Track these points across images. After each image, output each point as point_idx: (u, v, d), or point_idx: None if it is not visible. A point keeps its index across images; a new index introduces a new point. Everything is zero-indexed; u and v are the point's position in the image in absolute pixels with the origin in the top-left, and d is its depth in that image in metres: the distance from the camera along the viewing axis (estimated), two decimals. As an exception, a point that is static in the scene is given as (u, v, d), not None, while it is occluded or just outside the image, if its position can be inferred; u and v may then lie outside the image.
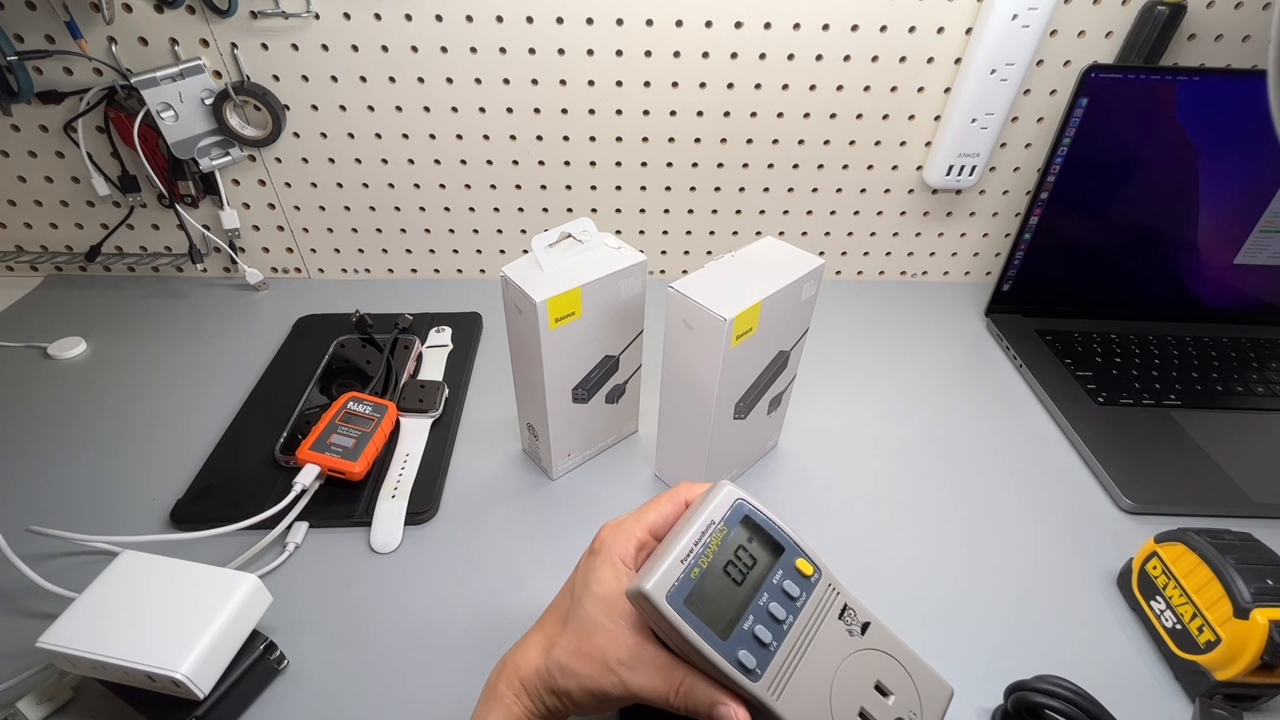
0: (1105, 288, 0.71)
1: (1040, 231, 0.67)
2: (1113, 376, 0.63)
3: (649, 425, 0.58)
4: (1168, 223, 0.67)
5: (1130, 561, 0.46)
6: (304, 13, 0.60)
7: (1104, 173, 0.64)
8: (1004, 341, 0.69)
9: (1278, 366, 0.66)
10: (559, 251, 0.46)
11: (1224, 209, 0.65)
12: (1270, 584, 0.37)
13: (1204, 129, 0.61)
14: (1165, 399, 0.61)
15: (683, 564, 0.28)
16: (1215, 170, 0.63)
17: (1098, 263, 0.69)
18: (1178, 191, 0.65)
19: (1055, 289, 0.71)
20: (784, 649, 0.28)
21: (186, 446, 0.55)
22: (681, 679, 0.28)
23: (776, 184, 0.72)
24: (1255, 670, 0.37)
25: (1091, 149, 0.62)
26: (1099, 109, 0.61)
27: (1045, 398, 0.62)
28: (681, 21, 0.61)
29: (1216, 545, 0.40)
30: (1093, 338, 0.69)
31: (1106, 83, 0.60)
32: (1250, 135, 0.62)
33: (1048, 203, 0.65)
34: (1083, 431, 0.58)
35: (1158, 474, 0.54)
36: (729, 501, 0.30)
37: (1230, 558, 0.39)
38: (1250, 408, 0.61)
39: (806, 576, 0.30)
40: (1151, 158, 0.63)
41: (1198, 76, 0.60)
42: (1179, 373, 0.64)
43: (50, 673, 0.39)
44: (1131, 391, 0.62)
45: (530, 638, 0.33)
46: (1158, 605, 0.43)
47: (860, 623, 0.30)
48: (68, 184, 0.69)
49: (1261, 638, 0.36)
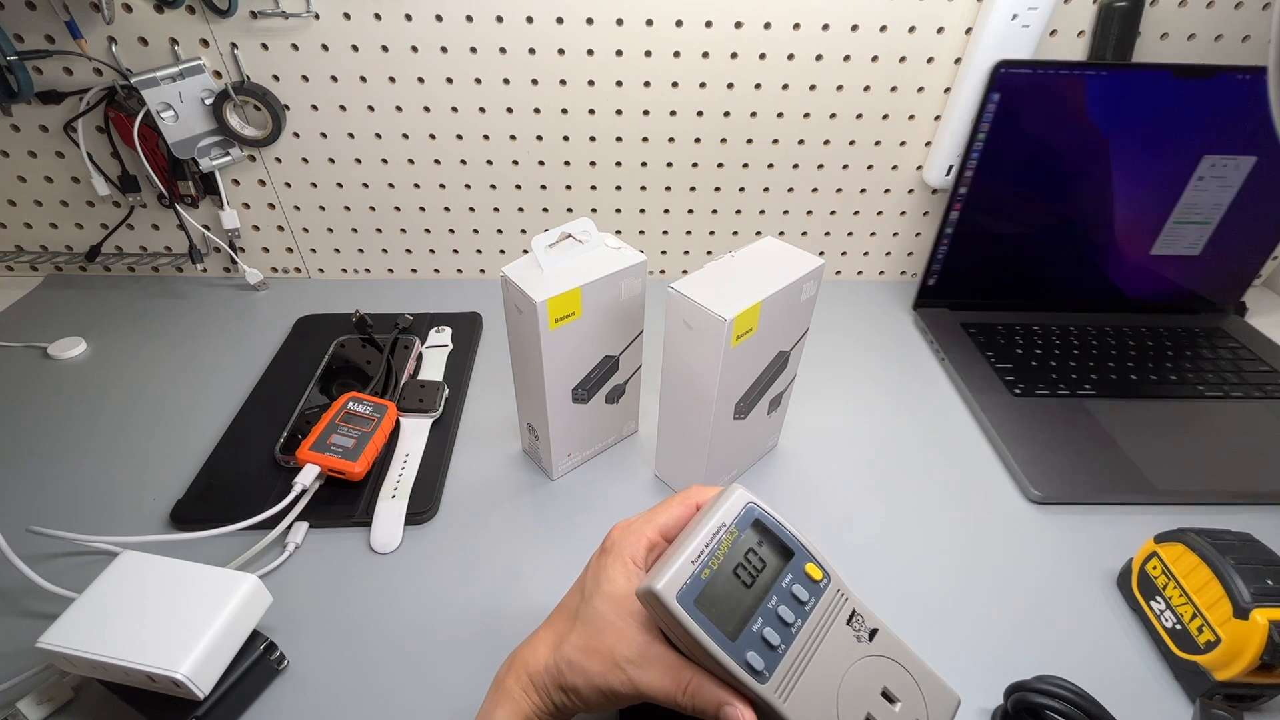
0: (1028, 280, 0.72)
1: (961, 226, 0.68)
2: (1032, 368, 0.64)
3: (649, 425, 0.58)
4: (1085, 215, 0.67)
5: (1130, 561, 0.46)
6: (304, 13, 0.60)
7: (1020, 167, 0.64)
8: (928, 335, 0.70)
9: (1192, 355, 0.67)
10: (559, 252, 0.46)
11: (1139, 201, 0.66)
12: (1270, 584, 0.37)
13: (1115, 122, 0.62)
14: (1080, 389, 0.62)
15: (693, 565, 0.28)
16: (1128, 163, 0.64)
17: (1019, 255, 0.70)
18: (1093, 184, 0.65)
19: (979, 282, 0.72)
20: (792, 652, 0.28)
21: (186, 446, 0.55)
22: (690, 679, 0.28)
23: (776, 184, 0.72)
24: (1255, 670, 0.37)
25: (1006, 144, 0.63)
26: (1011, 104, 0.61)
27: (964, 390, 0.62)
28: (681, 21, 0.61)
29: (1216, 545, 0.40)
30: (1016, 330, 0.70)
31: (1016, 78, 0.60)
32: (1159, 128, 0.62)
33: (966, 198, 0.66)
34: (997, 423, 0.58)
35: (1066, 465, 0.54)
36: (740, 505, 0.30)
37: (1230, 558, 0.39)
38: (1163, 395, 0.62)
39: (816, 581, 0.30)
40: (1065, 151, 0.63)
41: (1105, 71, 0.60)
42: (1096, 363, 0.65)
43: (50, 673, 0.39)
44: (1048, 382, 0.62)
45: (540, 634, 0.33)
46: (1157, 605, 0.43)
47: (868, 629, 0.30)
48: (68, 184, 0.69)
49: (1261, 638, 0.36)
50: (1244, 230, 0.68)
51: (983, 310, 0.72)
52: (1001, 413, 0.59)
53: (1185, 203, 0.66)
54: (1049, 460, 0.55)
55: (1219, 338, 0.69)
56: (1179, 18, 0.63)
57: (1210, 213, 0.67)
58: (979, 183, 0.65)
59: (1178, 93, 0.60)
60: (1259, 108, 0.61)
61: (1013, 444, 0.56)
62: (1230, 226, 0.67)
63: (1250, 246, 0.70)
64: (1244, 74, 0.60)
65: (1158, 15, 0.62)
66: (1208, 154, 0.63)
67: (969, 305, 0.73)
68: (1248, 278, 0.72)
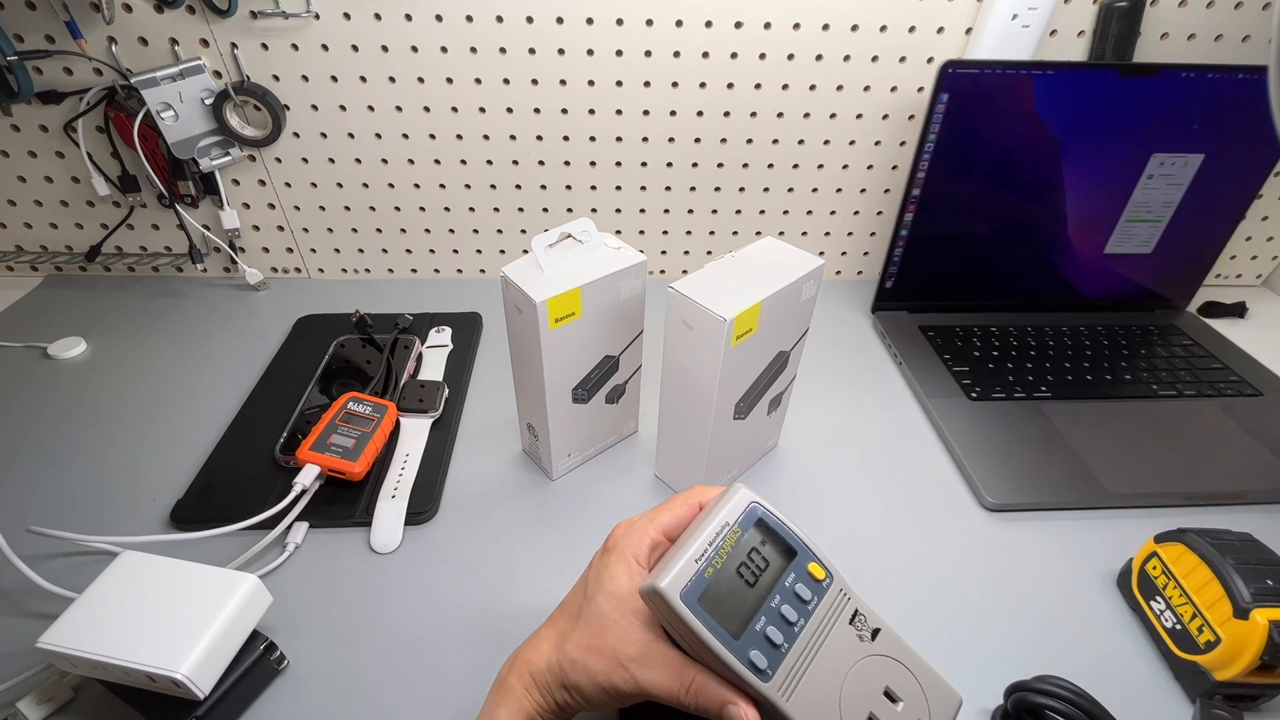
0: (985, 281, 0.72)
1: (916, 228, 0.67)
2: (989, 371, 0.64)
3: (649, 425, 0.58)
4: (1039, 215, 0.67)
5: (1130, 561, 0.46)
6: (304, 13, 0.60)
7: (971, 167, 0.64)
8: (886, 339, 0.69)
9: (1147, 354, 0.67)
10: (559, 252, 0.46)
11: (1091, 200, 0.66)
12: (1270, 584, 0.37)
13: (1064, 121, 0.62)
14: (1036, 391, 0.62)
15: (697, 563, 0.28)
16: (1079, 162, 0.64)
17: (976, 256, 0.70)
18: (1045, 183, 0.65)
19: (936, 284, 0.72)
20: (795, 651, 0.28)
21: (186, 446, 0.55)
22: (693, 678, 0.28)
23: (776, 184, 0.72)
24: (1255, 670, 0.37)
25: (957, 144, 0.63)
26: (960, 104, 0.60)
27: (921, 395, 0.62)
28: (681, 21, 0.61)
29: (1216, 545, 0.40)
30: (974, 331, 0.69)
31: (964, 78, 0.59)
32: (1108, 127, 0.62)
33: (920, 199, 0.65)
34: (952, 429, 0.58)
35: (1020, 470, 0.54)
36: (744, 504, 0.30)
37: (1230, 558, 0.39)
38: (1118, 396, 0.62)
39: (818, 580, 0.30)
40: (1016, 151, 0.63)
41: (1051, 70, 0.60)
42: (1053, 364, 0.65)
43: (50, 673, 0.39)
44: (1005, 385, 0.62)
45: (542, 633, 0.33)
46: (1157, 605, 0.43)
47: (871, 628, 0.30)
48: (68, 184, 0.69)
49: (1261, 638, 0.36)
50: (1195, 228, 0.68)
51: (942, 312, 0.72)
52: (958, 418, 0.59)
53: (1136, 201, 0.66)
54: (1004, 467, 0.54)
55: (1173, 334, 0.70)
56: (1179, 18, 0.63)
57: (1161, 211, 0.67)
58: (932, 184, 0.65)
59: (1124, 91, 0.60)
60: (1205, 105, 0.61)
61: (968, 451, 0.56)
62: (1182, 224, 0.68)
63: (1202, 244, 0.71)
64: (1188, 72, 0.60)
65: (1158, 15, 0.62)
66: (1157, 152, 0.64)
67: (928, 307, 0.72)
68: (1200, 275, 0.73)
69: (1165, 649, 0.42)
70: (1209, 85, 0.60)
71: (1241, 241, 0.77)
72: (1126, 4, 0.60)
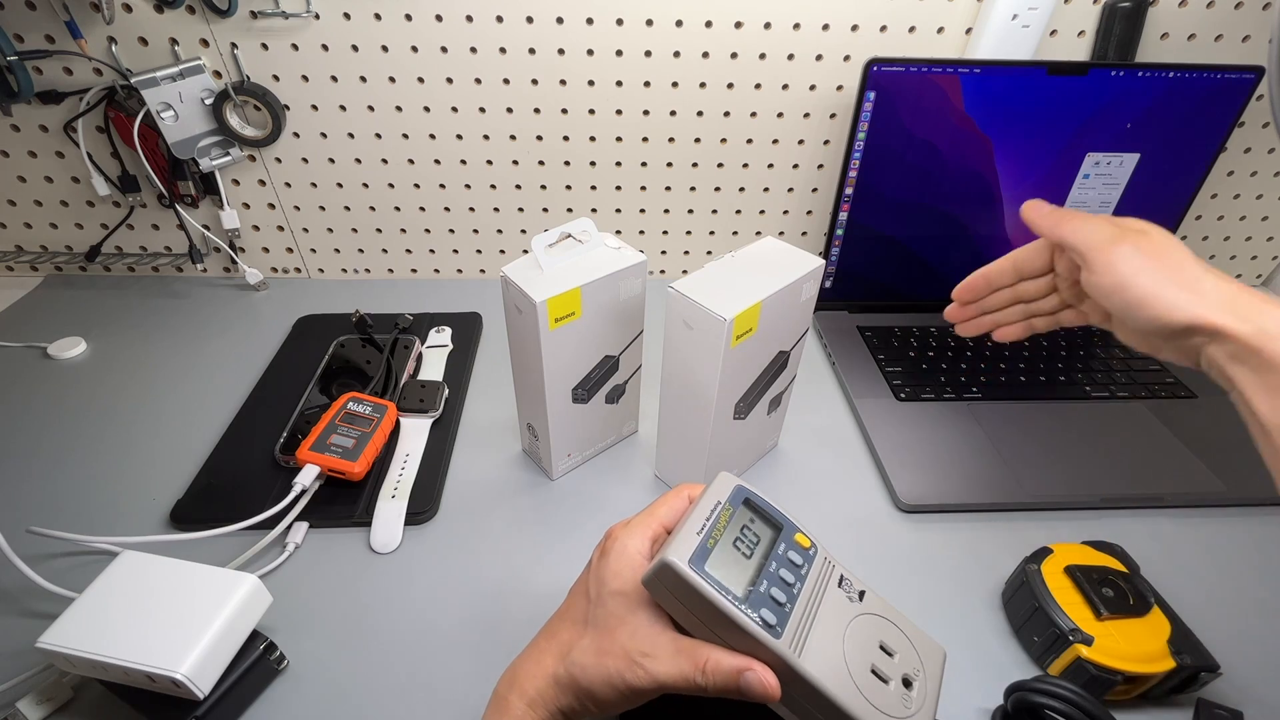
0: (923, 281, 0.71)
1: (851, 227, 0.67)
2: (921, 371, 0.64)
3: (649, 425, 0.58)
4: (974, 214, 0.67)
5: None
6: (304, 13, 0.60)
7: (902, 166, 0.63)
8: (823, 339, 0.69)
9: (1085, 355, 0.66)
10: (559, 252, 0.46)
11: (1027, 199, 0.65)
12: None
13: (994, 120, 0.61)
14: (967, 392, 0.61)
15: (698, 536, 0.30)
16: (1013, 161, 0.63)
17: (911, 256, 0.69)
18: (979, 183, 0.65)
19: (874, 284, 0.71)
20: (797, 610, 0.29)
21: (186, 446, 0.55)
22: (707, 656, 0.29)
23: (776, 184, 0.72)
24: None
25: (886, 143, 0.62)
26: (887, 102, 0.60)
27: (850, 395, 0.62)
28: (681, 21, 0.61)
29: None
30: (912, 331, 0.69)
31: (889, 76, 0.59)
32: (1040, 126, 0.62)
33: (853, 198, 0.65)
34: (875, 430, 0.57)
35: (938, 471, 0.54)
36: (730, 486, 0.33)
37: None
38: (1049, 397, 0.61)
39: (805, 549, 0.32)
40: (947, 150, 0.63)
41: (978, 68, 0.59)
42: (988, 364, 0.64)
43: (50, 673, 0.39)
44: (935, 386, 0.62)
45: (540, 645, 0.33)
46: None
47: (857, 590, 0.32)
48: (68, 184, 0.69)
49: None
50: None
51: (880, 312, 0.71)
52: (883, 419, 0.59)
53: (1074, 200, 0.66)
54: (922, 467, 0.54)
55: (1112, 334, 0.69)
56: (1179, 18, 0.63)
57: (1099, 211, 0.66)
58: (864, 182, 0.64)
59: (1053, 90, 0.60)
60: (1137, 104, 0.60)
61: (888, 451, 0.55)
62: None
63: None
64: (1117, 70, 0.59)
65: (1158, 15, 0.62)
66: (1091, 151, 0.63)
67: (867, 307, 0.72)
68: None
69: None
70: (1139, 84, 0.60)
71: (1242, 242, 0.77)
72: (1130, 4, 0.60)
